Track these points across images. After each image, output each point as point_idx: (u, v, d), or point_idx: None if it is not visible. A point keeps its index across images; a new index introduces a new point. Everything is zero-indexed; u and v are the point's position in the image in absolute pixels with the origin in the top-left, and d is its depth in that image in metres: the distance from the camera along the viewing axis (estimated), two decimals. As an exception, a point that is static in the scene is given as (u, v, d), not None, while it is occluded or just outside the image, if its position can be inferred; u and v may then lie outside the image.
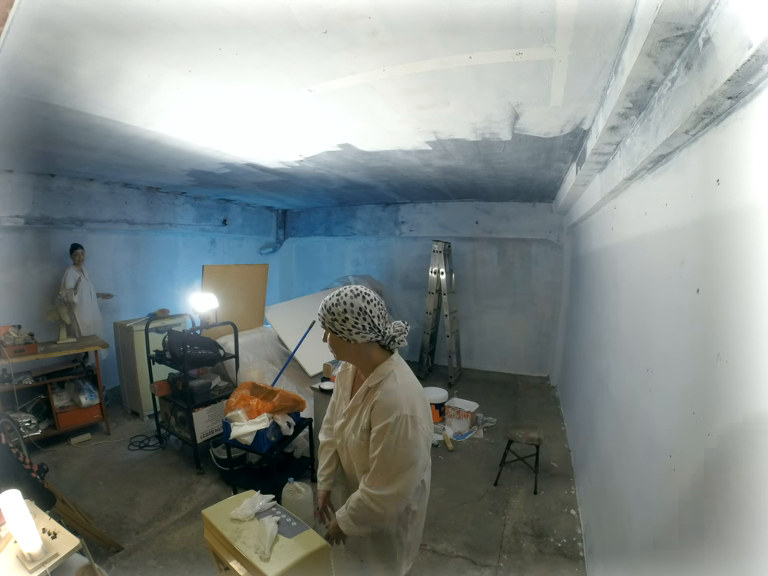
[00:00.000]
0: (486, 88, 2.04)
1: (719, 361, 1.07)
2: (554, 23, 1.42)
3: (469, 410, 4.39)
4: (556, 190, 4.83)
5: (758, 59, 0.85)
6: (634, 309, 2.05)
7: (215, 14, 1.42)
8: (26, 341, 3.68)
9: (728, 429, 1.01)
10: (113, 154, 3.42)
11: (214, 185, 5.10)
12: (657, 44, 1.19)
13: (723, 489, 1.01)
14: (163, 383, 3.70)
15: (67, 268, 4.49)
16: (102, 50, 1.68)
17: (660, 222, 1.67)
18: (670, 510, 1.35)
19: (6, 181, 3.96)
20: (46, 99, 2.17)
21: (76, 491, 3.13)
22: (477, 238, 6.44)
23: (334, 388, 1.79)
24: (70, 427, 3.93)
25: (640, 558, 1.62)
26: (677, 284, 1.43)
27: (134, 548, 2.65)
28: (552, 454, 3.96)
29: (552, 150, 3.13)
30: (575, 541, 2.79)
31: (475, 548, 2.75)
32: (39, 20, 1.44)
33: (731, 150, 1.08)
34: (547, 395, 5.64)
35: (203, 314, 3.97)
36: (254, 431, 2.96)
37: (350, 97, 2.19)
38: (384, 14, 1.41)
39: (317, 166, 3.94)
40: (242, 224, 7.18)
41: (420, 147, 3.21)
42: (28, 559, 1.41)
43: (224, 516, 1.91)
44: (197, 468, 3.54)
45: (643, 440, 1.71)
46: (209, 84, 2.05)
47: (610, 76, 1.77)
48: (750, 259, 0.96)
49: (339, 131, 2.86)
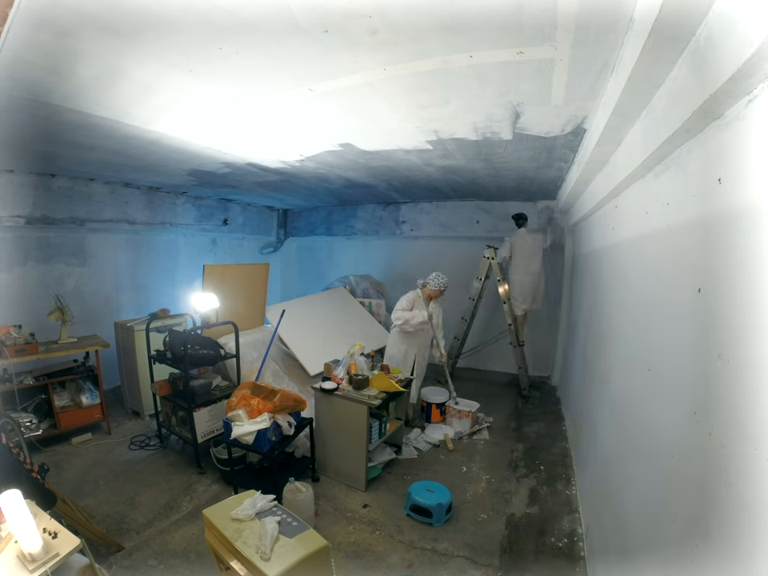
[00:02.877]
0: (486, 87, 2.04)
1: (720, 360, 1.06)
2: (554, 22, 1.42)
3: (469, 410, 4.39)
4: (557, 189, 4.82)
5: (759, 58, 0.85)
6: (635, 308, 2.05)
7: (215, 13, 1.42)
8: (27, 341, 3.68)
9: (729, 428, 1.01)
10: (113, 154, 3.43)
11: (214, 184, 5.11)
12: (658, 43, 1.18)
13: (724, 489, 1.00)
14: (164, 383, 3.70)
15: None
16: (102, 49, 1.68)
17: (661, 221, 1.67)
18: (672, 510, 1.35)
19: (7, 181, 3.97)
20: (47, 99, 2.17)
21: (77, 491, 3.14)
22: (478, 238, 6.43)
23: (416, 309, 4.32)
24: (70, 427, 3.93)
25: (641, 558, 1.62)
26: (678, 283, 1.43)
27: (134, 548, 2.65)
28: (553, 454, 3.96)
29: (553, 150, 3.13)
30: (576, 541, 2.78)
31: (476, 548, 2.75)
32: (39, 20, 1.44)
33: (732, 149, 1.08)
34: (548, 395, 5.64)
35: (204, 313, 3.97)
36: (255, 431, 2.97)
37: (350, 96, 2.19)
38: (384, 13, 1.41)
39: (317, 165, 3.94)
40: (243, 224, 7.18)
41: (421, 147, 3.21)
42: (29, 559, 1.41)
43: (225, 516, 1.91)
44: (197, 468, 3.55)
45: (644, 440, 1.71)
46: (209, 83, 2.05)
47: (611, 75, 1.76)
48: (752, 258, 0.95)
49: (340, 131, 2.86)
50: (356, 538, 2.82)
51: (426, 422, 4.54)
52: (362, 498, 3.26)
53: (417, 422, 4.52)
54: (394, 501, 3.21)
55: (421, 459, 3.86)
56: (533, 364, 6.40)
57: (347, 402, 3.36)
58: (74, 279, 4.85)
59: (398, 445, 3.92)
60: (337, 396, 3.41)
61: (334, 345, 4.57)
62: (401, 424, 3.87)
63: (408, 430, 4.29)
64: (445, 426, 4.48)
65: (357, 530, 2.90)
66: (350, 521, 2.99)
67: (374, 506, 3.17)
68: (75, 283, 4.85)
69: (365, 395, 3.31)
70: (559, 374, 5.81)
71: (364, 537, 2.84)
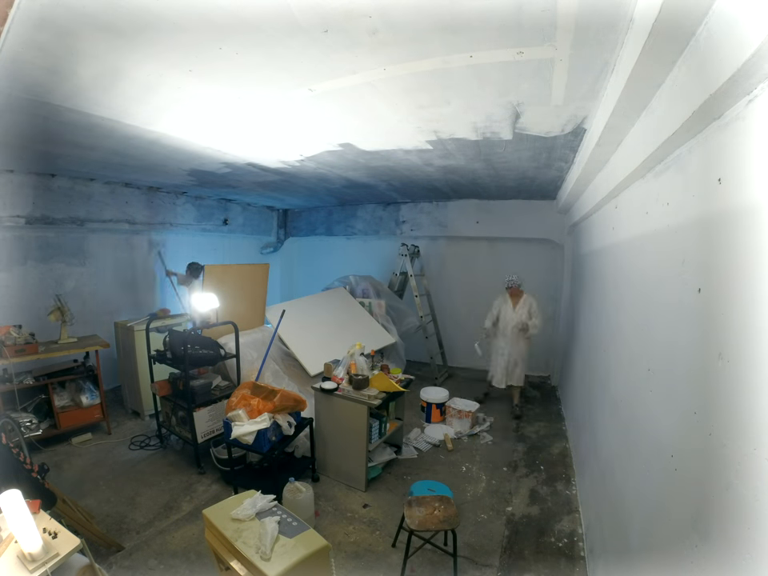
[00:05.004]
0: (486, 87, 2.04)
1: (720, 360, 1.06)
2: (554, 22, 1.41)
3: (470, 410, 4.39)
4: (557, 189, 4.83)
5: (759, 58, 0.85)
6: (635, 308, 2.05)
7: (216, 13, 1.42)
8: (27, 341, 3.69)
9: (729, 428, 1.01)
10: (113, 154, 3.43)
11: (214, 184, 5.11)
12: (658, 43, 1.18)
13: (724, 489, 1.00)
14: (164, 383, 3.70)
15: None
16: (102, 49, 1.68)
17: (661, 221, 1.67)
18: (672, 510, 1.35)
19: (7, 181, 3.97)
20: (47, 99, 2.17)
21: (77, 491, 3.14)
22: (478, 237, 6.44)
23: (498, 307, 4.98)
24: (70, 427, 3.93)
25: (641, 558, 1.62)
26: (678, 283, 1.43)
27: (134, 548, 2.65)
28: (552, 454, 3.97)
29: (553, 149, 3.13)
30: (576, 540, 2.79)
31: (476, 547, 2.75)
32: (39, 20, 1.44)
33: (733, 149, 1.08)
34: (548, 395, 5.65)
35: (204, 313, 3.97)
36: (255, 431, 2.97)
37: (350, 96, 2.19)
38: (384, 13, 1.41)
39: (317, 165, 3.94)
40: (243, 224, 7.18)
41: (421, 147, 3.21)
42: (29, 559, 1.41)
43: (225, 516, 1.91)
44: (197, 468, 3.55)
45: (645, 440, 1.71)
46: (209, 83, 2.05)
47: (611, 75, 1.76)
48: (752, 258, 0.95)
49: (340, 131, 2.86)
50: (356, 538, 2.82)
51: (426, 421, 4.54)
52: (362, 497, 3.26)
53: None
54: (394, 501, 3.21)
55: (421, 459, 3.86)
56: (534, 364, 6.41)
57: (347, 402, 3.36)
58: (73, 279, 4.85)
59: (398, 445, 3.93)
60: (337, 396, 3.41)
61: (334, 345, 4.57)
62: (401, 424, 3.88)
63: (408, 430, 4.29)
64: (445, 425, 4.49)
65: (357, 530, 2.90)
66: (349, 521, 2.99)
67: (374, 506, 3.17)
68: (75, 283, 4.86)
69: (365, 395, 3.31)
70: (559, 374, 5.81)
71: (364, 537, 2.84)
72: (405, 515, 2.44)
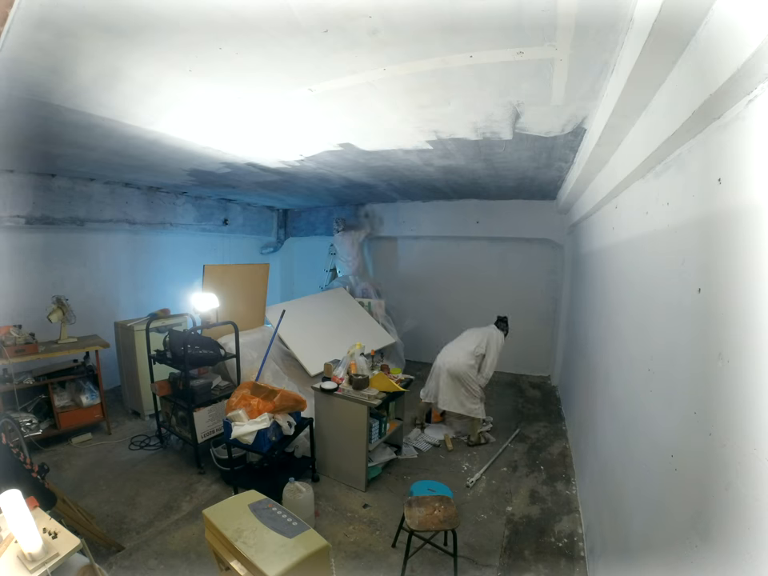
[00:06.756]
0: (486, 87, 2.04)
1: (720, 360, 1.06)
2: (554, 22, 1.41)
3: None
4: (557, 189, 4.82)
5: (759, 58, 0.85)
6: (635, 308, 2.05)
7: (216, 13, 1.42)
8: (27, 341, 3.69)
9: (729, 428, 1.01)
10: (113, 154, 3.42)
11: (214, 184, 5.10)
12: (658, 43, 1.18)
13: (724, 489, 1.00)
14: (164, 383, 3.70)
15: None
16: (102, 49, 1.68)
17: (661, 221, 1.67)
18: (672, 510, 1.35)
19: (7, 181, 3.96)
20: (47, 99, 2.17)
21: (77, 491, 3.14)
22: (478, 237, 6.43)
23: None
24: (70, 427, 3.93)
25: (641, 558, 1.62)
26: (678, 283, 1.43)
27: (134, 548, 2.66)
28: (552, 454, 3.96)
29: (553, 149, 3.13)
30: (576, 540, 2.79)
31: (476, 547, 2.75)
32: (39, 20, 1.43)
33: (733, 149, 1.08)
34: (548, 395, 5.65)
35: (204, 313, 3.97)
36: (255, 431, 2.97)
37: (350, 96, 2.19)
38: (384, 13, 1.41)
39: (317, 165, 3.94)
40: (243, 224, 7.18)
41: (421, 147, 3.21)
42: (29, 559, 1.41)
43: (225, 516, 1.91)
44: (197, 468, 3.55)
45: (644, 440, 1.71)
46: (209, 84, 2.05)
47: (611, 75, 1.76)
48: (752, 259, 0.95)
49: (340, 131, 2.86)
50: (356, 538, 2.82)
51: (426, 421, 4.54)
52: (362, 497, 3.26)
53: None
54: (394, 501, 3.21)
55: (421, 459, 3.86)
56: (534, 364, 6.42)
57: (347, 402, 3.36)
58: (73, 279, 4.85)
59: (398, 445, 3.93)
60: (337, 396, 3.41)
61: (334, 345, 4.57)
62: (401, 424, 3.88)
63: (408, 430, 4.29)
64: (445, 426, 4.49)
65: (357, 530, 2.90)
66: (349, 521, 2.99)
67: (374, 506, 3.17)
68: (75, 283, 4.85)
69: (365, 395, 3.31)
70: (559, 374, 5.81)
71: (364, 537, 2.84)
72: (405, 515, 2.44)
